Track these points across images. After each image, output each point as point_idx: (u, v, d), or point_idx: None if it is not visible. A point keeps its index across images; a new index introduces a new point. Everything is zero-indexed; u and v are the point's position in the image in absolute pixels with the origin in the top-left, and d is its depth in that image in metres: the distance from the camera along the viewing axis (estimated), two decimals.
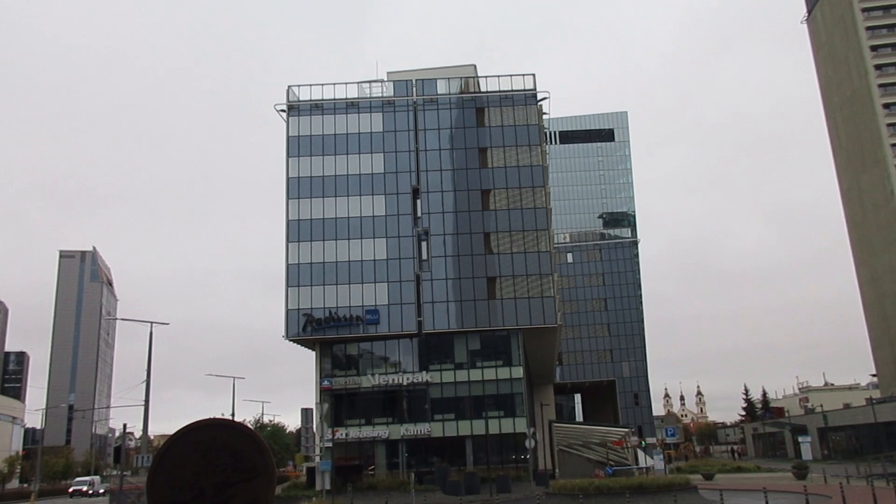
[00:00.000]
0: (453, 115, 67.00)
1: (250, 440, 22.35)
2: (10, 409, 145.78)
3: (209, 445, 21.48)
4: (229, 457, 21.25)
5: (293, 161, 65.60)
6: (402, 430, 59.96)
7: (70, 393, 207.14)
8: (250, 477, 21.60)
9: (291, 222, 64.19)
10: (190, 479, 21.28)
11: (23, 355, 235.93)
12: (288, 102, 66.88)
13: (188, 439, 21.61)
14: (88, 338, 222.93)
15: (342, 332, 61.73)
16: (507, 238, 63.37)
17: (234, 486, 21.19)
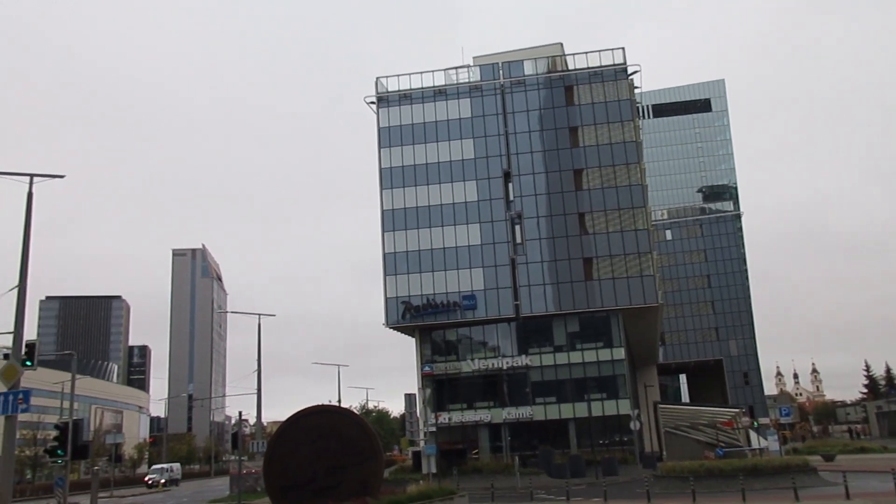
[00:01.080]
0: (542, 96, 66.11)
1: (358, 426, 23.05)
2: (137, 399, 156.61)
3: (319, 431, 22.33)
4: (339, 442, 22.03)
5: (385, 152, 66.63)
6: (504, 414, 60.17)
7: (189, 383, 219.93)
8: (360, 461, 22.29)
9: (386, 212, 65.32)
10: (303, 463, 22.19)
11: (145, 349, 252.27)
12: (377, 94, 67.89)
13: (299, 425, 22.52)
14: (202, 331, 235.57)
15: (440, 319, 62.43)
16: (603, 217, 62.12)
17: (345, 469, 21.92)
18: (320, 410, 21.72)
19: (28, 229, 23.04)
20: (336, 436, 20.18)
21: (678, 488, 32.84)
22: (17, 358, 22.01)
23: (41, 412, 78.91)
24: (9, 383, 21.43)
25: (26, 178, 23.42)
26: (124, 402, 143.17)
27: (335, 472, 19.91)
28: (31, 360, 22.56)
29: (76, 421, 29.67)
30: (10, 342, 22.69)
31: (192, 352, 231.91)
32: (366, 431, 20.87)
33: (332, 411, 22.82)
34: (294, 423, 20.44)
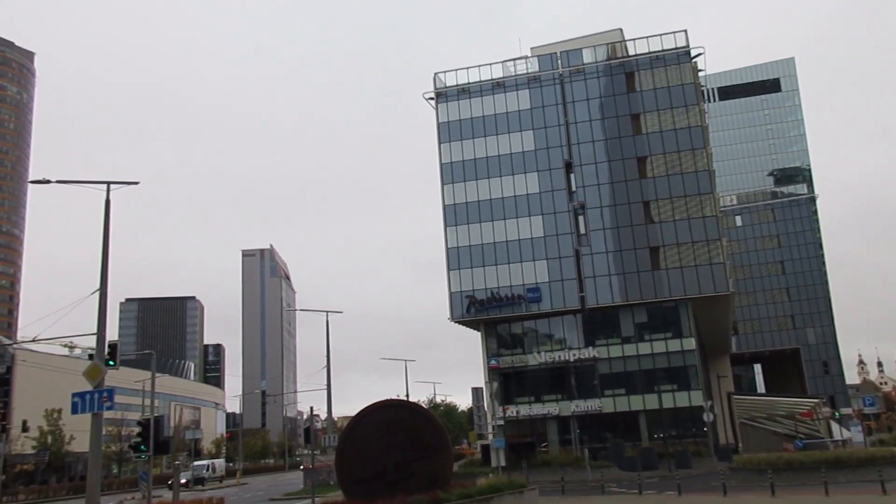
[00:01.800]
0: (602, 84, 65.02)
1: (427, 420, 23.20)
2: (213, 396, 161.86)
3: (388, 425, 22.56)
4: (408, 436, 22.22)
5: (445, 147, 66.79)
6: (573, 407, 59.63)
7: (262, 380, 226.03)
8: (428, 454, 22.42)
9: (448, 207, 65.49)
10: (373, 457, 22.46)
11: (219, 347, 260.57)
12: (435, 90, 68.07)
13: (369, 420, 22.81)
14: (273, 328, 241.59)
15: (505, 312, 62.26)
16: (669, 205, 60.74)
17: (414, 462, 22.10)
18: (389, 405, 21.97)
19: (107, 234, 24.06)
20: (405, 430, 20.36)
21: (755, 481, 31.89)
22: (100, 358, 23.05)
23: (124, 410, 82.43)
24: (94, 382, 22.46)
25: (103, 185, 24.48)
26: (201, 398, 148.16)
27: (405, 465, 20.11)
28: (113, 359, 23.58)
29: (157, 418, 30.87)
30: (94, 343, 23.77)
31: (263, 349, 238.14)
32: (434, 425, 20.99)
33: (400, 406, 23.05)
34: (364, 418, 20.72)
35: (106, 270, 23.63)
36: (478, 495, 21.01)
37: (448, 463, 21.07)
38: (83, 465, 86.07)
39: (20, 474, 79.39)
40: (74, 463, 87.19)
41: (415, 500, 18.60)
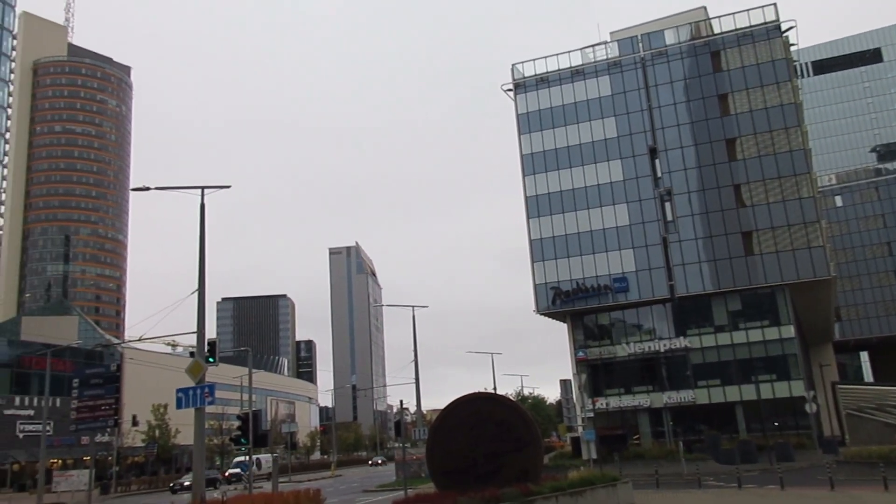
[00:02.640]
0: (686, 65, 62.91)
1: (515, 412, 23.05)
2: (307, 391, 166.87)
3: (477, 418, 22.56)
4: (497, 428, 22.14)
5: (525, 138, 66.31)
6: (665, 399, 58.19)
7: (352, 374, 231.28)
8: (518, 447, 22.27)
9: (530, 198, 65.02)
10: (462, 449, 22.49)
11: (311, 343, 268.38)
12: (514, 81, 67.63)
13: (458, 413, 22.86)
14: (361, 324, 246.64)
15: (591, 303, 61.34)
16: (761, 187, 58.24)
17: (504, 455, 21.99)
18: (478, 398, 22.01)
19: (202, 237, 25.14)
20: (494, 422, 20.35)
21: (865, 475, 30.21)
22: (201, 355, 24.14)
23: (224, 404, 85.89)
24: (196, 378, 23.55)
25: (198, 190, 25.57)
26: (295, 393, 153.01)
27: (495, 458, 20.10)
28: (213, 356, 24.65)
29: (255, 412, 32.09)
30: (195, 341, 24.91)
31: (352, 344, 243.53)
32: (523, 418, 20.90)
33: (489, 398, 23.06)
34: (453, 411, 20.85)
35: (203, 271, 24.70)
36: (569, 488, 20.79)
37: (538, 456, 20.94)
38: (188, 457, 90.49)
39: (132, 466, 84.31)
40: (180, 455, 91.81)
41: (506, 492, 18.58)
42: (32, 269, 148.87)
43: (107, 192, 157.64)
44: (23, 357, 77.54)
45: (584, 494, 21.05)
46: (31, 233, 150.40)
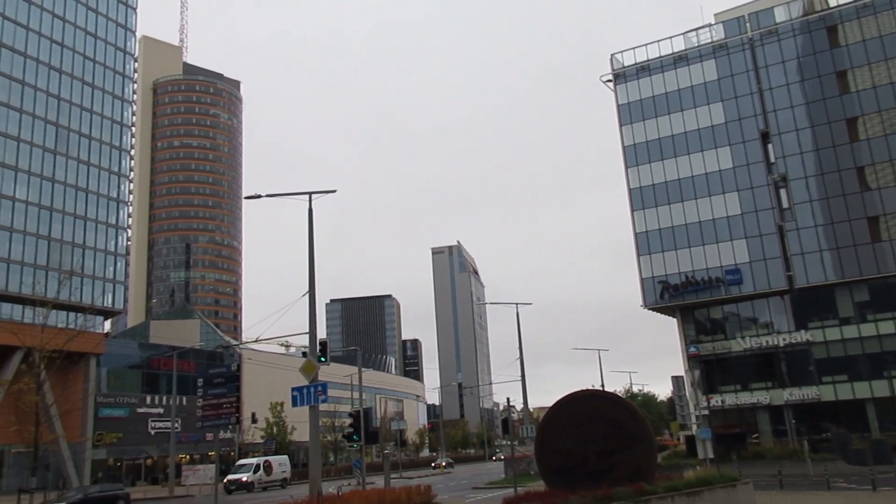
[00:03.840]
0: (799, 43, 59.42)
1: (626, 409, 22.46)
2: (414, 389, 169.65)
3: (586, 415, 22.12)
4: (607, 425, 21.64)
5: (626, 129, 64.64)
6: (786, 395, 55.22)
7: (457, 372, 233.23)
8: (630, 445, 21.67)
9: (633, 190, 63.33)
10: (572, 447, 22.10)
11: (416, 342, 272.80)
12: (613, 71, 66.09)
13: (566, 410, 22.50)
14: (465, 322, 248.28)
15: (702, 296, 59.04)
16: (889, 169, 54.21)
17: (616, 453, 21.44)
18: (586, 395, 21.63)
19: (311, 240, 25.99)
20: (604, 420, 19.93)
21: None
22: (313, 355, 24.97)
23: (336, 402, 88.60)
24: (309, 377, 24.40)
25: (306, 196, 26.47)
26: (403, 391, 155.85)
27: (606, 456, 19.68)
28: (324, 356, 25.45)
29: (366, 410, 32.93)
30: (307, 341, 25.81)
31: (457, 343, 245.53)
32: (634, 415, 20.35)
33: (598, 395, 22.62)
34: (561, 409, 20.57)
35: (313, 274, 25.54)
36: (686, 488, 20.05)
37: (652, 454, 20.33)
38: (304, 453, 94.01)
39: None
40: (296, 451, 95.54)
41: (618, 491, 18.14)
42: (157, 276, 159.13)
43: (221, 201, 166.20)
44: (152, 359, 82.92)
45: (702, 495, 20.25)
46: (155, 242, 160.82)
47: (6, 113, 68.03)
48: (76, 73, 75.64)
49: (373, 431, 33.79)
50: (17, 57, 69.86)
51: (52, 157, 71.59)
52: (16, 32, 70.19)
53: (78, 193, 73.55)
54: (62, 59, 74.41)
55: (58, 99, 73.11)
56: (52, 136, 71.88)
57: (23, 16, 71.10)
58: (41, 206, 69.73)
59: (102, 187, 76.44)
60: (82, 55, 76.74)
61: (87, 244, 73.41)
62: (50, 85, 72.59)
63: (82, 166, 74.57)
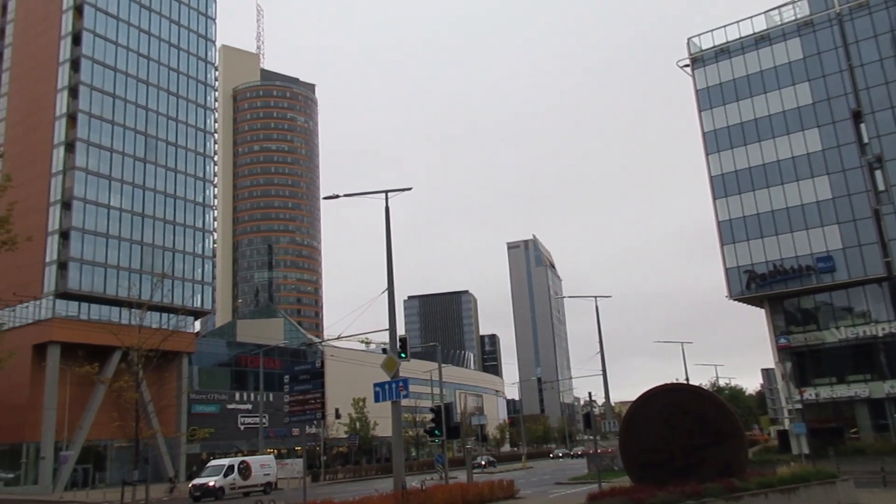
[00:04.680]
0: (893, 16, 55.93)
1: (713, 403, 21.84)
2: (493, 384, 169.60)
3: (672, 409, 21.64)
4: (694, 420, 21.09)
5: (706, 114, 62.55)
6: (887, 388, 52.30)
7: (536, 367, 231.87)
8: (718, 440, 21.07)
9: (715, 178, 61.26)
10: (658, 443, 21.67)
11: (494, 337, 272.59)
12: (690, 55, 64.07)
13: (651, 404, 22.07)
14: (543, 317, 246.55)
15: (791, 286, 56.58)
16: None
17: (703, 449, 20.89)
18: (671, 389, 21.13)
19: (389, 238, 26.34)
20: (690, 414, 19.43)
21: None
22: (393, 351, 25.32)
23: (416, 398, 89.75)
24: (391, 373, 24.75)
25: (382, 194, 26.84)
26: (482, 386, 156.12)
27: (693, 451, 19.18)
28: (404, 352, 25.77)
29: (447, 405, 33.15)
30: (386, 338, 26.20)
31: (535, 337, 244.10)
32: (723, 409, 19.75)
33: (683, 389, 22.07)
34: (645, 403, 20.18)
35: (391, 271, 25.88)
36: (780, 485, 19.31)
37: (742, 449, 19.68)
38: (387, 448, 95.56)
39: (336, 456, 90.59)
40: (379, 446, 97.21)
41: (708, 487, 17.64)
42: (242, 276, 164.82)
43: (301, 202, 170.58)
44: (239, 357, 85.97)
45: (798, 492, 19.45)
46: (239, 244, 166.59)
47: (99, 125, 71.87)
48: (162, 84, 79.14)
49: (454, 426, 33.98)
50: (107, 71, 73.65)
51: (143, 166, 75.18)
52: (106, 48, 74.01)
53: (167, 199, 76.97)
54: (148, 71, 77.98)
55: (146, 109, 76.71)
56: (141, 145, 75.50)
57: (112, 32, 74.90)
58: (133, 212, 73.33)
59: (189, 193, 79.73)
60: (167, 66, 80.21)
61: (176, 248, 76.76)
62: (138, 96, 76.20)
63: (170, 173, 77.99)
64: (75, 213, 68.17)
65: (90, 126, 70.89)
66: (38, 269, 67.53)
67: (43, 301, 66.71)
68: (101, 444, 66.49)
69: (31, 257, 64.97)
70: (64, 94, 71.42)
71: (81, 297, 67.79)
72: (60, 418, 60.77)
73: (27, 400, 63.17)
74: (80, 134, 70.01)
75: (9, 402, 63.09)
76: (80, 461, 63.88)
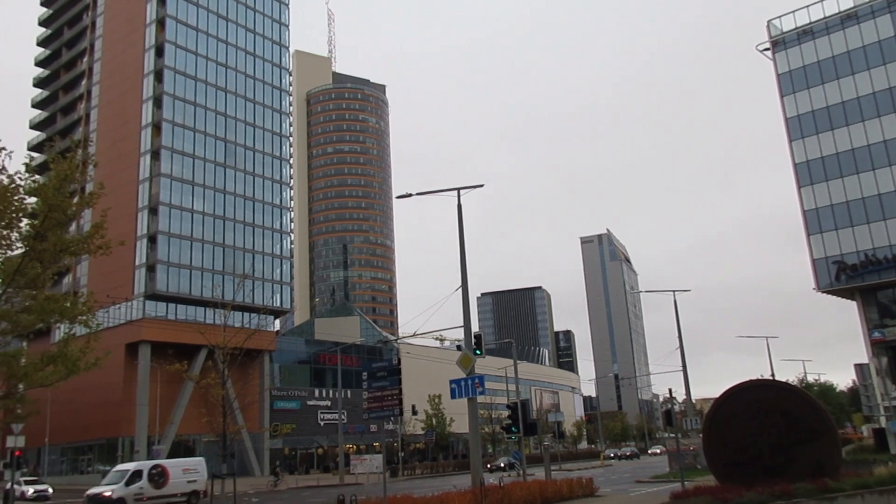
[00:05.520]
0: None
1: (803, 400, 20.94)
2: (569, 381, 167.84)
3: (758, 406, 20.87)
4: (782, 417, 20.27)
5: (788, 99, 60.01)
6: None
7: (613, 363, 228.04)
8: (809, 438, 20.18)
9: (799, 165, 58.72)
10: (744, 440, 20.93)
11: (569, 333, 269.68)
12: (770, 39, 61.59)
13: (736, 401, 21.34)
14: (618, 312, 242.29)
15: (886, 276, 53.66)
16: None
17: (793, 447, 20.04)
18: (758, 385, 20.38)
19: (462, 235, 26.40)
20: (778, 411, 18.70)
21: None
22: (468, 348, 25.37)
23: (492, 395, 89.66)
24: (466, 370, 24.80)
25: (454, 192, 26.90)
26: (558, 383, 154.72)
27: (782, 449, 18.46)
28: (479, 349, 25.76)
29: (523, 401, 33.00)
30: (461, 335, 26.27)
31: (611, 333, 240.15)
32: (812, 406, 18.92)
33: (770, 385, 21.24)
34: (730, 399, 19.54)
35: (465, 268, 25.93)
36: (877, 485, 18.35)
37: (835, 448, 18.80)
38: (463, 444, 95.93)
39: (414, 452, 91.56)
40: (455, 443, 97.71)
41: (799, 487, 16.95)
42: (319, 276, 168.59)
43: (374, 202, 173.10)
44: (318, 354, 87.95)
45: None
46: (315, 245, 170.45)
47: (182, 132, 74.86)
48: (240, 91, 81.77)
49: (531, 423, 33.76)
50: (188, 81, 76.63)
51: (223, 170, 77.88)
52: (187, 58, 77.01)
53: (246, 202, 79.49)
54: (227, 78, 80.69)
55: (225, 116, 79.41)
56: (221, 150, 78.22)
57: (192, 43, 77.86)
58: (215, 215, 76.05)
59: (267, 195, 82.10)
60: (244, 74, 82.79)
61: (256, 249, 79.18)
62: (218, 104, 78.96)
63: (248, 177, 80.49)
64: (161, 218, 71.24)
65: (174, 134, 73.92)
66: (129, 272, 70.92)
67: (134, 302, 70.05)
68: (190, 439, 69.28)
69: (122, 261, 68.27)
70: (149, 104, 74.71)
71: (169, 298, 70.81)
72: (152, 414, 63.68)
73: (121, 397, 66.47)
74: (165, 142, 73.09)
75: (105, 399, 66.54)
76: (170, 455, 66.78)
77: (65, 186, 22.12)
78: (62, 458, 73.92)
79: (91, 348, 25.63)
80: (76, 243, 23.36)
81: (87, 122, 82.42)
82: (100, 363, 26.78)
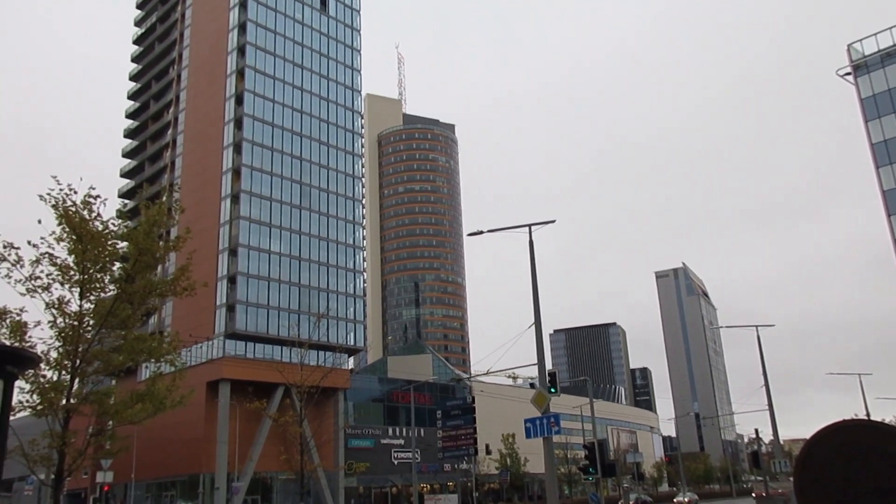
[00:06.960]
0: None
1: None
2: (647, 420, 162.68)
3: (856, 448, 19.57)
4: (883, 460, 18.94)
5: (873, 124, 57.69)
6: None
7: (693, 401, 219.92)
8: None
9: (888, 192, 56.09)
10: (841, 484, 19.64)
11: (646, 370, 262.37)
12: (852, 63, 59.59)
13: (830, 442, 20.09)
14: (697, 348, 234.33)
15: None
16: None
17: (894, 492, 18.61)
18: (854, 425, 19.14)
19: (534, 271, 26.20)
20: (877, 454, 17.57)
21: None
22: (543, 386, 24.97)
23: (567, 434, 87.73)
24: (541, 408, 24.37)
25: (525, 228, 26.82)
26: (636, 422, 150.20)
27: (885, 495, 17.32)
28: (554, 387, 25.31)
29: (601, 441, 32.18)
30: (535, 372, 25.89)
31: (690, 370, 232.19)
32: None
33: (868, 426, 19.92)
34: (824, 440, 18.41)
35: (538, 305, 25.67)
36: None
37: None
38: (538, 484, 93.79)
39: (488, 492, 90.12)
40: (531, 483, 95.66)
41: None
42: (391, 314, 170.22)
43: (445, 240, 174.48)
44: (391, 392, 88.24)
45: None
46: (387, 283, 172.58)
47: (260, 177, 77.65)
48: (314, 135, 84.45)
49: (609, 464, 32.87)
50: (266, 127, 79.74)
51: (299, 212, 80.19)
52: (265, 106, 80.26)
53: (321, 243, 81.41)
54: (301, 123, 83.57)
55: (300, 160, 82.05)
56: (297, 192, 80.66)
57: (269, 91, 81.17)
58: (291, 256, 78.14)
59: (341, 235, 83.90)
60: (318, 118, 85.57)
61: (330, 288, 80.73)
62: (293, 148, 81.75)
63: (323, 217, 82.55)
64: (241, 259, 73.64)
65: (252, 178, 76.75)
66: (210, 312, 73.33)
67: (214, 341, 72.24)
68: (268, 476, 70.26)
69: (204, 301, 70.68)
70: (230, 151, 77.96)
71: (247, 337, 72.75)
72: (231, 451, 64.99)
73: (202, 434, 68.21)
74: (244, 186, 75.93)
75: (187, 436, 68.44)
76: (248, 492, 67.80)
77: (154, 231, 23.22)
78: (147, 493, 76.12)
79: (176, 386, 26.50)
80: (163, 285, 24.40)
81: (172, 169, 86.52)
82: (185, 401, 27.62)
